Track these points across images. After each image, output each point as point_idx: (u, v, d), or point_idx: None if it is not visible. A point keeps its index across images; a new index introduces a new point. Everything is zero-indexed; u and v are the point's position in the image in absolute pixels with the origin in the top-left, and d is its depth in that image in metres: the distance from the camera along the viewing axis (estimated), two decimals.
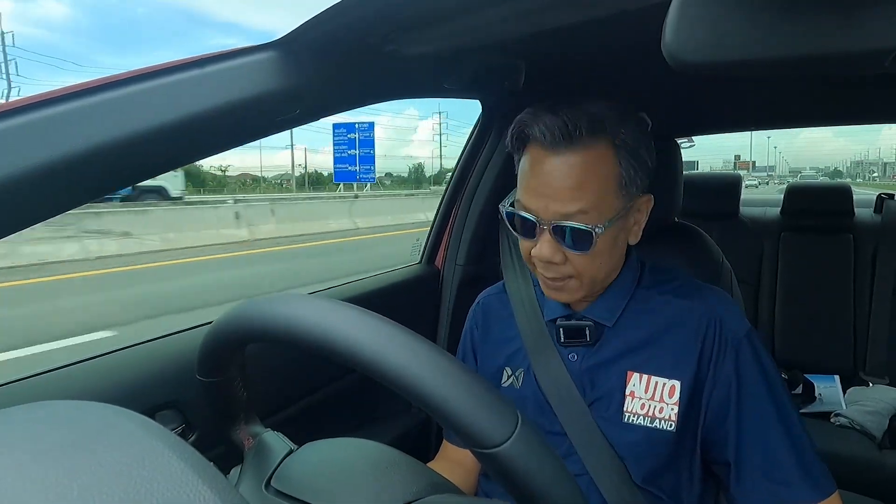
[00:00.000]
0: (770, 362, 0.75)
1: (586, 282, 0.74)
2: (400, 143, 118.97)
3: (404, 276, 1.39)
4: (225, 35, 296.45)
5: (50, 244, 8.03)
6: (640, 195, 0.75)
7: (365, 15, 0.63)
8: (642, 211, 0.77)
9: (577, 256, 0.71)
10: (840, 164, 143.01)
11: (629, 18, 0.63)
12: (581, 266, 0.72)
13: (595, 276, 0.74)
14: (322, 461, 0.50)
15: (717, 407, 0.73)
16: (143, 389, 0.80)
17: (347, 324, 0.39)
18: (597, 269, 0.73)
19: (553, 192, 0.69)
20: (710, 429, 0.74)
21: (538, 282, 0.88)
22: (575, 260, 0.72)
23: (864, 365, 1.97)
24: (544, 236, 0.71)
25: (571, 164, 0.69)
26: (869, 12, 0.36)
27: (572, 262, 0.72)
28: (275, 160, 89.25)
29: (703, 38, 0.40)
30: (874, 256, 2.01)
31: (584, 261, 0.72)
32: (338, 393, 1.14)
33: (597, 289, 0.78)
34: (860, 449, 1.62)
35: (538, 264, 0.74)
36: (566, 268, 0.72)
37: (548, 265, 0.73)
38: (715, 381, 0.73)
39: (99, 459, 0.26)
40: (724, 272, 1.02)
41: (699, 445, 0.75)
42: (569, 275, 0.73)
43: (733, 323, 0.75)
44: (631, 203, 0.73)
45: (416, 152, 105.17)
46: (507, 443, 0.36)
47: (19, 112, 0.48)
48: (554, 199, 0.69)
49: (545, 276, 0.75)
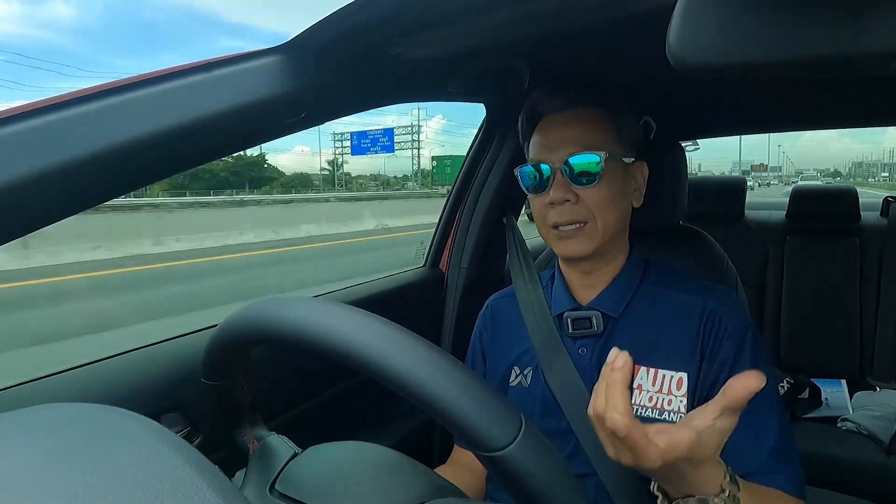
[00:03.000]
0: (765, 361, 0.76)
1: (598, 227, 0.77)
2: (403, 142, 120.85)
3: (408, 280, 1.39)
4: (232, 37, 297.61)
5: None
6: (636, 160, 0.82)
7: (369, 18, 0.63)
8: (639, 178, 0.84)
9: (588, 192, 0.76)
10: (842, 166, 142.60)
11: (633, 22, 0.63)
12: (593, 203, 0.76)
13: (606, 221, 0.77)
14: (326, 464, 0.50)
15: (707, 388, 0.74)
16: (149, 392, 0.80)
17: (352, 327, 0.39)
18: (606, 210, 0.77)
19: (561, 140, 0.78)
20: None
21: (545, 282, 0.88)
22: (586, 197, 0.76)
23: (871, 369, 1.95)
24: (556, 179, 0.77)
25: (578, 116, 0.79)
26: (874, 15, 0.36)
27: (584, 200, 0.77)
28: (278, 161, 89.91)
29: (707, 42, 0.40)
30: (880, 260, 2.00)
31: (594, 197, 0.76)
32: (342, 396, 1.14)
33: (606, 247, 0.80)
34: (867, 454, 1.61)
35: (552, 213, 0.78)
36: (579, 207, 0.77)
37: (562, 210, 0.77)
38: (710, 365, 0.75)
39: (104, 462, 0.26)
40: (730, 276, 1.01)
41: None
42: (582, 219, 0.77)
43: (735, 317, 0.77)
44: (630, 162, 0.80)
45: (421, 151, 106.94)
46: (510, 446, 0.36)
47: (28, 116, 0.48)
48: (562, 145, 0.77)
49: (559, 222, 0.78)
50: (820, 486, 1.40)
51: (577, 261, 0.82)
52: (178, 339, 0.90)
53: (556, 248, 0.81)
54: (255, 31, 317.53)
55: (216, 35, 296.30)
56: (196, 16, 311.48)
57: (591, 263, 0.82)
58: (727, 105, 1.35)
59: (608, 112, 0.80)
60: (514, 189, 1.36)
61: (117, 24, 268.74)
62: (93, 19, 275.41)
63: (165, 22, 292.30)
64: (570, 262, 0.83)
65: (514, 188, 1.39)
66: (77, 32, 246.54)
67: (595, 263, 0.82)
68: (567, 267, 0.85)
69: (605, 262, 0.82)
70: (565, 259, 0.83)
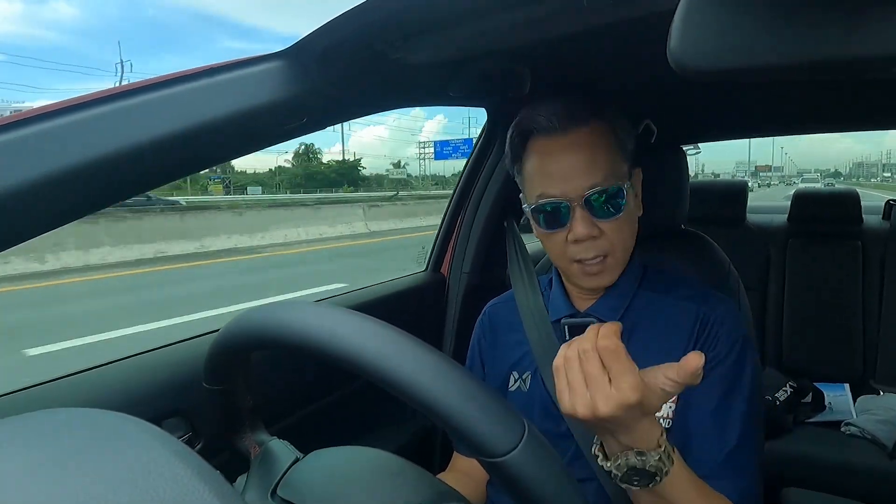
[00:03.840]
0: (752, 373, 0.75)
1: (619, 256, 0.77)
2: (405, 143, 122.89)
3: (410, 284, 1.39)
4: (234, 37, 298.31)
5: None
6: (634, 166, 0.80)
7: (371, 23, 0.63)
8: (638, 186, 0.82)
9: (610, 225, 0.74)
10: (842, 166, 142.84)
11: (634, 26, 0.63)
12: (614, 236, 0.75)
13: (625, 246, 0.77)
14: (328, 469, 0.50)
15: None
16: (151, 397, 0.80)
17: (354, 331, 0.39)
18: (626, 238, 0.77)
19: (574, 171, 0.73)
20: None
21: (544, 288, 0.88)
22: (608, 230, 0.74)
23: (875, 373, 1.95)
24: (577, 214, 0.73)
25: (581, 140, 0.73)
26: (875, 18, 0.36)
27: (606, 234, 0.75)
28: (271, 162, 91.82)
29: (708, 45, 0.40)
30: (883, 263, 1.99)
31: (616, 229, 0.75)
32: (343, 401, 1.14)
33: (621, 268, 0.79)
34: (871, 458, 1.60)
35: (575, 249, 0.75)
36: (602, 242, 0.75)
37: (586, 245, 0.75)
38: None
39: (106, 467, 0.26)
40: (732, 279, 1.01)
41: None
42: (605, 252, 0.75)
43: (729, 326, 0.76)
44: (633, 171, 0.79)
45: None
46: (513, 452, 0.36)
47: (34, 121, 0.49)
48: (577, 176, 0.73)
49: (585, 258, 0.76)
50: (823, 490, 1.39)
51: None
52: (179, 344, 0.90)
53: (580, 282, 0.79)
54: (254, 31, 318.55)
55: (217, 34, 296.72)
56: (196, 14, 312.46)
57: None
58: (729, 109, 1.36)
59: (609, 127, 0.76)
60: (515, 194, 1.36)
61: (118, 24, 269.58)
62: (94, 19, 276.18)
63: (166, 22, 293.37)
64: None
65: (516, 193, 1.40)
66: (79, 32, 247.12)
67: None
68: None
69: None
70: (589, 290, 0.82)
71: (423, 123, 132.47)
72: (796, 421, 1.76)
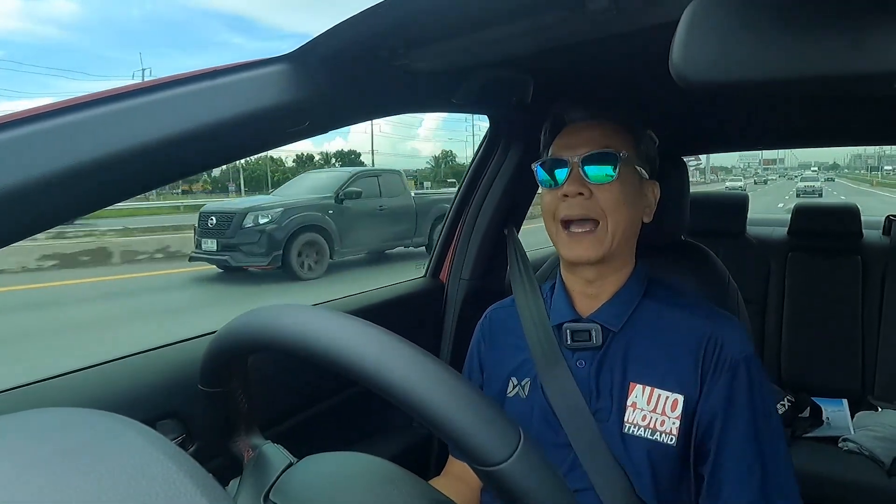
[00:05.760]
0: (765, 392, 0.75)
1: (609, 229, 0.77)
2: (405, 137, 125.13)
3: (409, 290, 1.39)
4: (232, 31, 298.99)
5: None
6: (651, 179, 0.83)
7: (375, 30, 0.63)
8: (650, 196, 0.84)
9: (602, 189, 0.77)
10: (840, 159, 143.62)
11: (637, 37, 0.63)
12: (605, 201, 0.77)
13: (616, 222, 0.77)
14: (321, 475, 0.49)
15: (706, 423, 0.74)
16: (145, 398, 0.80)
17: (351, 336, 0.39)
18: (618, 211, 0.77)
19: (581, 141, 0.79)
20: (699, 442, 0.75)
21: (546, 293, 0.88)
22: (600, 194, 0.77)
23: (873, 389, 1.94)
24: (572, 173, 0.78)
25: (601, 123, 0.81)
26: (876, 34, 0.36)
27: (597, 197, 0.77)
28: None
29: (710, 58, 0.40)
30: (883, 279, 1.99)
31: (607, 195, 0.77)
32: (339, 406, 1.14)
33: (614, 254, 0.79)
34: (868, 475, 1.59)
35: (563, 206, 0.78)
36: (591, 203, 0.77)
37: (572, 202, 0.77)
38: (708, 397, 0.74)
39: (98, 468, 0.25)
40: (731, 292, 1.01)
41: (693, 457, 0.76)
42: (593, 215, 0.77)
43: (735, 345, 0.76)
44: (646, 176, 0.82)
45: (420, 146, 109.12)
46: (508, 461, 0.35)
47: (34, 120, 0.49)
48: (582, 144, 0.78)
49: (570, 215, 0.78)
50: None
51: (583, 266, 0.80)
52: (175, 346, 0.90)
53: (564, 249, 0.80)
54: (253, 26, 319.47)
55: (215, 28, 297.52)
56: (197, 11, 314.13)
57: (596, 271, 0.80)
58: (730, 121, 1.36)
59: (630, 127, 0.82)
60: (516, 201, 1.36)
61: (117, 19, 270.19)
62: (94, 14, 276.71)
63: (166, 18, 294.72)
64: (576, 268, 0.82)
65: (517, 200, 1.41)
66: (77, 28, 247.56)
67: (600, 272, 0.81)
68: (570, 275, 0.84)
69: (610, 272, 0.81)
70: (572, 263, 0.81)
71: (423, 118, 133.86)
72: (794, 435, 1.75)
